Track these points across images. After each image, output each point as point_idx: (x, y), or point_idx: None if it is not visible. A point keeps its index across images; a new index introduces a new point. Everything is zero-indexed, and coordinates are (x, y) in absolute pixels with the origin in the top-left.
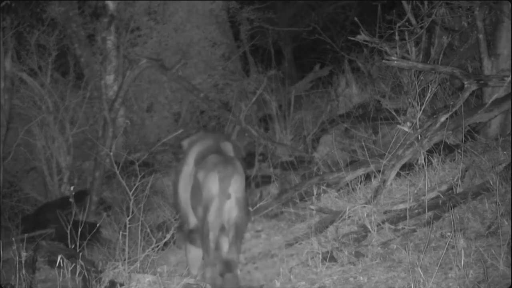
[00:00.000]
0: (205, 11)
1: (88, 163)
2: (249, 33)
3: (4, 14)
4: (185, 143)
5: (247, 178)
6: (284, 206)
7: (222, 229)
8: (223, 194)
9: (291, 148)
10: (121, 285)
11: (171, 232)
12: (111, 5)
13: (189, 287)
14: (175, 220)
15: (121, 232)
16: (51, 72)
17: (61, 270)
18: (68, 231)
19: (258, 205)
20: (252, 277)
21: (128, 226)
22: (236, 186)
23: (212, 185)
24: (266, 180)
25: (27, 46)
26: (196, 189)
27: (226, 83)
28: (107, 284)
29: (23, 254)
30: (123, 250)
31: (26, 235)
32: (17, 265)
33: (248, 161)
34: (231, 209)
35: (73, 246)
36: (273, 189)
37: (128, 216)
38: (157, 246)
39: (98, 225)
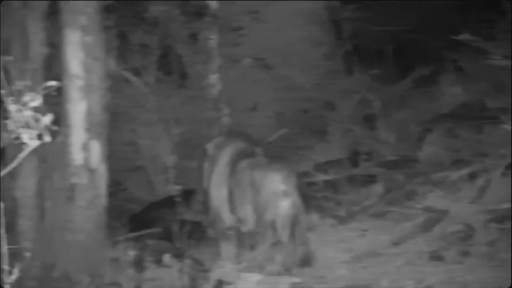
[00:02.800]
0: (307, 11)
1: (193, 162)
2: (350, 32)
3: (108, 13)
4: (210, 146)
5: (351, 177)
6: (389, 205)
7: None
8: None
9: (395, 147)
10: (229, 284)
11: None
12: (213, 5)
13: (297, 286)
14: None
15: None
16: (154, 71)
17: (169, 269)
18: (175, 230)
19: (363, 204)
20: (359, 276)
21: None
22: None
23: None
24: (371, 179)
25: (130, 45)
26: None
27: (329, 82)
28: (214, 283)
29: (130, 253)
30: (231, 249)
31: (133, 234)
32: (125, 264)
33: (353, 160)
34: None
35: (180, 245)
36: (378, 188)
37: None
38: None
39: (204, 224)
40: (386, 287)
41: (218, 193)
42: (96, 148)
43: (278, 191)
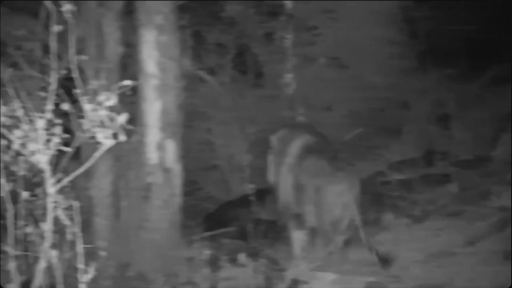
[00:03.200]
0: (381, 10)
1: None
2: (425, 32)
3: (183, 13)
4: (273, 138)
5: (426, 176)
6: (464, 204)
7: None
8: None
9: (470, 146)
10: (304, 283)
11: (352, 230)
12: (288, 4)
13: (372, 286)
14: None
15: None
16: (229, 71)
17: (244, 268)
18: (250, 229)
19: (438, 204)
20: (434, 275)
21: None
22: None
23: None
24: (446, 178)
25: (205, 44)
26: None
27: (403, 82)
28: (289, 282)
29: (206, 252)
30: (305, 248)
31: (208, 233)
32: (200, 263)
33: (427, 159)
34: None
35: (255, 245)
36: (452, 187)
37: None
38: (338, 244)
39: (279, 223)
40: (461, 286)
41: (286, 184)
42: (171, 147)
43: (338, 202)
